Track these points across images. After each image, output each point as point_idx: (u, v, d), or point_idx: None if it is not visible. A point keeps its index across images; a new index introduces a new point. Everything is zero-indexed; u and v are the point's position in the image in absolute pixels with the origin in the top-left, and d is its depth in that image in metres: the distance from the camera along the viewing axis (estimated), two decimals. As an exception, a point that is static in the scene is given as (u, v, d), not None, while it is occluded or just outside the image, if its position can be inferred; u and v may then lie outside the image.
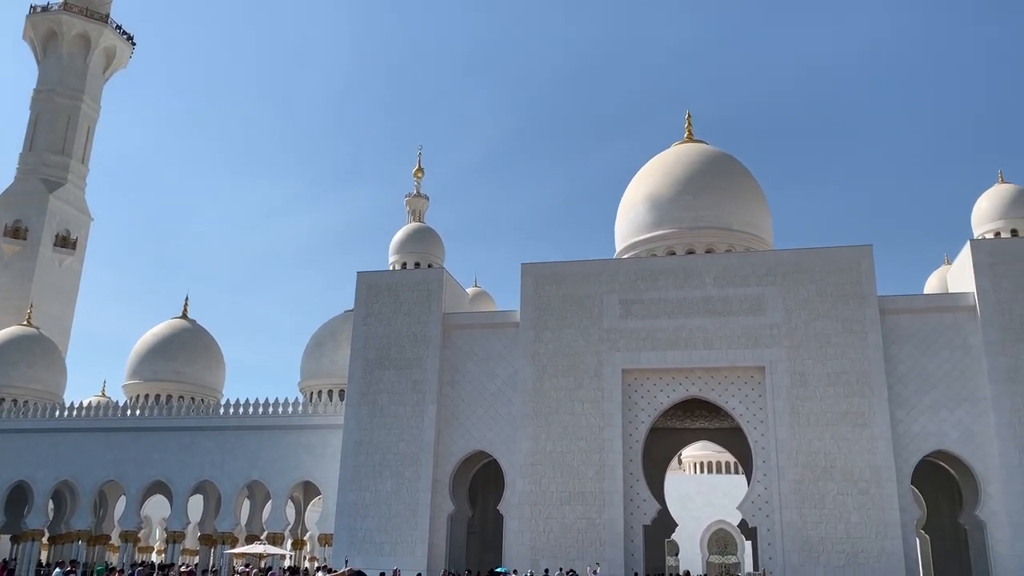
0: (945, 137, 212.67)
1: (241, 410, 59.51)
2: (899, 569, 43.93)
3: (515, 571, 45.64)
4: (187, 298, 78.75)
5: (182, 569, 30.24)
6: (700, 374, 50.33)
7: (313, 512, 69.63)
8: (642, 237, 63.72)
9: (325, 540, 56.06)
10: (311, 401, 63.90)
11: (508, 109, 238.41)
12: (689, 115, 70.45)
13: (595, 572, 43.19)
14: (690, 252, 59.82)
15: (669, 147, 69.32)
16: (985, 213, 54.68)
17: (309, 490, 65.98)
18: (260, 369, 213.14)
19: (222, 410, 60.57)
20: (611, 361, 50.61)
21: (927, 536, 56.71)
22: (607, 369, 50.50)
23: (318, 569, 45.78)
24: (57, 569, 37.84)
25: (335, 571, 36.60)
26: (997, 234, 53.32)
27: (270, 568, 49.42)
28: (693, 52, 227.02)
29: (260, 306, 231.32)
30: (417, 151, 74.70)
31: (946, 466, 51.62)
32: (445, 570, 45.49)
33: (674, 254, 59.78)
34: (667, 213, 63.01)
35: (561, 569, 45.09)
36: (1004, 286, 47.36)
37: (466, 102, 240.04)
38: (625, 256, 63.58)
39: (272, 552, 48.22)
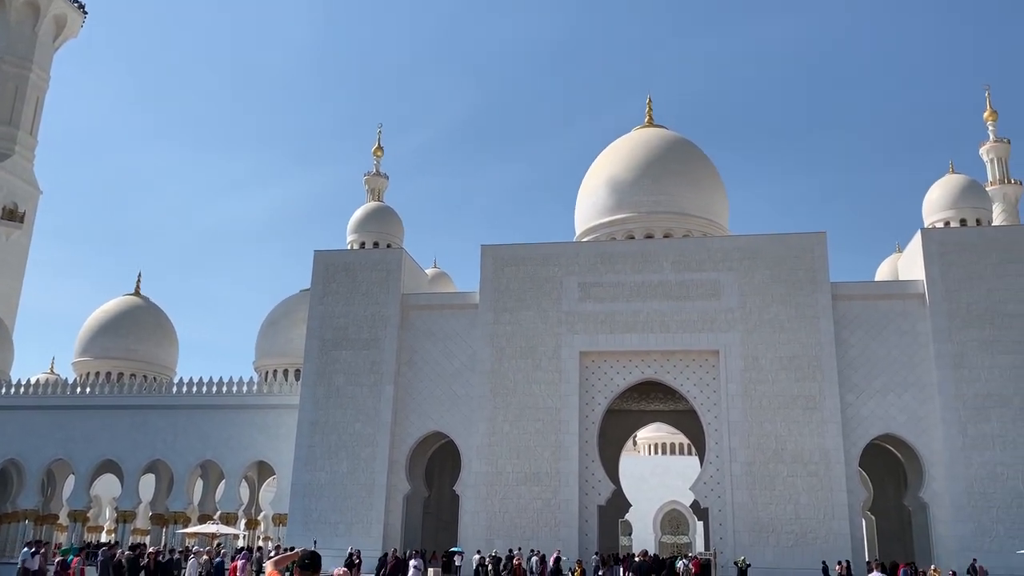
0: (900, 128, 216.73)
1: (195, 389, 58.76)
2: (845, 549, 45.04)
3: (479, 551, 45.79)
4: (140, 275, 77.51)
5: (149, 551, 29.75)
6: (656, 357, 50.86)
7: (267, 492, 69.12)
8: (602, 221, 64.08)
9: (279, 520, 55.74)
10: (266, 381, 63.31)
11: (470, 90, 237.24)
12: (650, 100, 70.91)
13: (559, 557, 43.58)
14: (648, 236, 60.34)
15: (630, 131, 69.68)
16: (936, 203, 55.81)
17: (263, 470, 65.46)
18: (214, 348, 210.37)
19: (175, 388, 59.77)
20: (569, 343, 50.89)
21: (873, 517, 58.21)
22: (565, 351, 50.78)
23: (273, 549, 45.42)
24: (24, 548, 36.86)
25: (289, 550, 36.34)
26: (947, 223, 54.48)
27: (242, 549, 48.68)
28: (656, 37, 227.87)
29: (214, 284, 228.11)
30: (377, 129, 73.78)
31: (892, 449, 52.98)
32: (394, 551, 45.41)
33: (633, 238, 60.23)
34: (626, 197, 63.43)
35: (521, 549, 45.31)
36: (952, 275, 48.53)
37: (428, 82, 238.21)
38: (585, 239, 63.87)
39: (225, 532, 47.75)
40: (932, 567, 38.74)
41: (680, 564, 42.39)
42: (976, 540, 44.44)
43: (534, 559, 43.38)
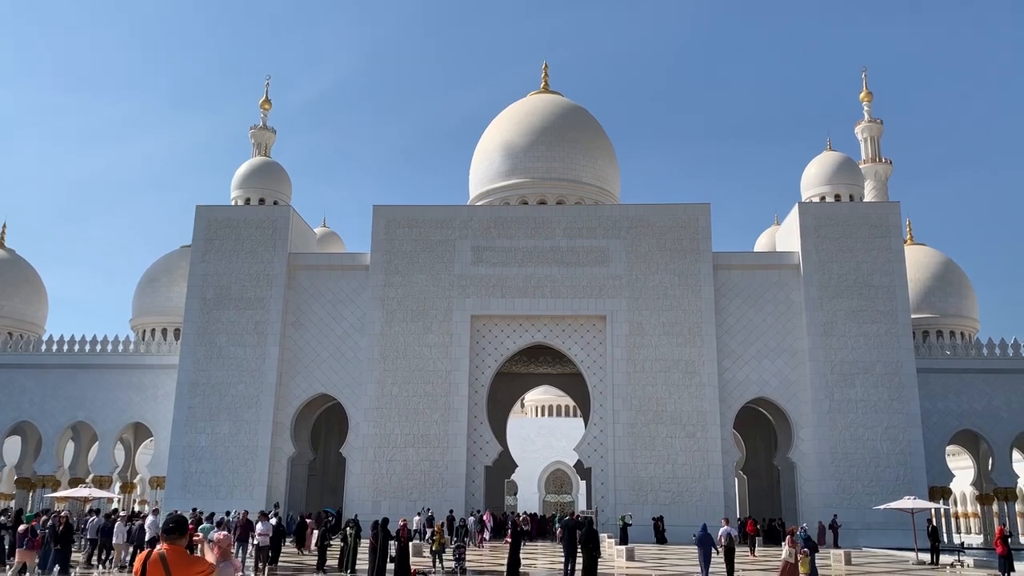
0: (783, 105, 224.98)
1: (66, 347, 55.94)
2: (719, 506, 47.29)
3: (422, 512, 44.60)
4: (4, 225, 72.42)
5: (62, 514, 28.72)
6: (546, 321, 51.63)
7: (144, 454, 66.82)
8: (496, 185, 64.14)
9: (157, 483, 54.03)
10: (143, 340, 60.83)
11: (362, 44, 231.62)
12: (546, 66, 71.00)
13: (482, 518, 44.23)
14: (542, 202, 60.82)
15: (526, 96, 69.71)
16: (813, 178, 58.40)
17: (140, 431, 63.17)
18: (87, 305, 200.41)
19: (44, 347, 56.72)
20: (461, 307, 51.00)
21: (745, 476, 61.27)
22: (456, 314, 50.88)
23: (149, 513, 43.83)
24: None
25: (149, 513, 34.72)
26: (823, 198, 57.13)
27: (141, 514, 46.12)
28: (552, 1, 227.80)
29: (88, 237, 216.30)
30: (265, 81, 71.21)
31: (765, 412, 55.73)
32: (244, 512, 44.03)
33: (527, 203, 60.61)
34: (521, 163, 63.63)
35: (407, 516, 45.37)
36: (825, 247, 51.08)
37: (317, 33, 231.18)
38: (479, 203, 63.83)
39: (98, 495, 45.94)
40: (802, 525, 40.98)
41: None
42: (837, 497, 47.50)
43: (471, 519, 43.29)
